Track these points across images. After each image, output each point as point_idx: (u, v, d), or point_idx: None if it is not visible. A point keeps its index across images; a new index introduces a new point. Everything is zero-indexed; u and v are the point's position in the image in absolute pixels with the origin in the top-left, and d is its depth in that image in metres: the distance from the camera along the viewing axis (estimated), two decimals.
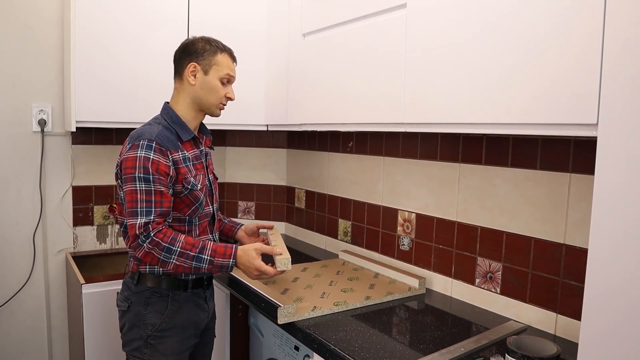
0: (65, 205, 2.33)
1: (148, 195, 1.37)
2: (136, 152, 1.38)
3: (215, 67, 1.51)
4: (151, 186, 1.37)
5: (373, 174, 2.06)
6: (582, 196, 1.33)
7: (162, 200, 1.38)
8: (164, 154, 1.40)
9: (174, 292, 1.48)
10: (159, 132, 1.43)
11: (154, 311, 1.47)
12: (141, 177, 1.37)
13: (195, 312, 1.53)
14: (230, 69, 1.53)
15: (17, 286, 2.25)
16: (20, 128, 2.21)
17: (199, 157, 1.55)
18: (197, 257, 1.38)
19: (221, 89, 1.52)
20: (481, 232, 1.60)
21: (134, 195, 1.37)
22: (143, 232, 1.35)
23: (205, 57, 1.51)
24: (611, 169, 0.78)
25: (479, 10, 1.18)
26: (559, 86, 1.02)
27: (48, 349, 2.36)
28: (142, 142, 1.39)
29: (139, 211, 1.36)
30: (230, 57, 1.55)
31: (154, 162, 1.38)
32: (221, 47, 1.53)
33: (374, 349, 1.27)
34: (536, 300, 1.44)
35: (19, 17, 2.17)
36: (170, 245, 1.36)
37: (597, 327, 0.81)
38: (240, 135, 2.66)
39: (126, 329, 1.50)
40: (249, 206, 2.68)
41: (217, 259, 1.39)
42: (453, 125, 1.29)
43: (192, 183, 1.46)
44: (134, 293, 1.48)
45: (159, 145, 1.40)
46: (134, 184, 1.37)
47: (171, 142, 1.44)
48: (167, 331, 1.47)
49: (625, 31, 0.77)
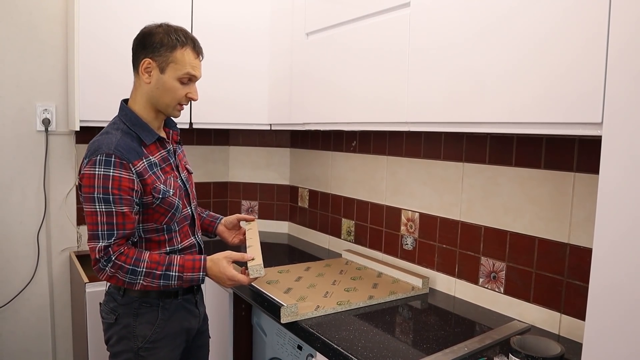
0: (69, 204, 2.34)
1: (109, 217, 1.26)
2: (94, 169, 1.26)
3: (173, 65, 1.33)
4: (112, 207, 1.26)
5: (376, 174, 2.05)
6: (587, 195, 1.32)
7: (125, 222, 1.28)
8: (126, 168, 1.27)
9: (164, 301, 1.40)
10: (118, 141, 1.29)
11: (144, 322, 1.38)
12: (100, 197, 1.25)
13: (186, 318, 1.46)
14: (191, 67, 1.35)
15: (21, 285, 2.26)
16: (24, 127, 2.22)
17: (167, 159, 1.42)
18: (165, 274, 1.30)
19: (179, 89, 1.36)
20: (485, 232, 1.60)
21: (94, 217, 1.26)
22: (104, 255, 1.27)
23: (161, 52, 1.32)
24: (616, 168, 0.78)
25: (482, 9, 1.18)
26: (563, 84, 1.01)
27: (52, 347, 2.36)
28: (100, 157, 1.26)
29: (100, 234, 1.26)
30: (193, 52, 1.36)
31: (115, 179, 1.26)
32: (182, 40, 1.34)
33: (377, 348, 1.26)
34: (540, 300, 1.44)
35: (23, 17, 2.17)
36: (134, 267, 1.28)
37: (602, 327, 0.81)
38: (243, 135, 2.67)
39: (114, 341, 1.40)
40: (252, 205, 2.68)
41: (186, 274, 1.33)
42: (456, 124, 1.28)
43: (163, 190, 1.35)
44: (121, 305, 1.38)
45: (118, 158, 1.27)
46: (93, 205, 1.26)
47: (132, 151, 1.31)
48: (158, 342, 1.39)
49: (631, 27, 0.76)
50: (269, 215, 2.67)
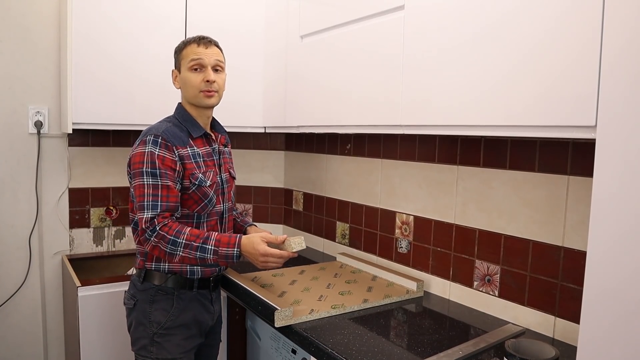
0: (62, 207, 2.32)
1: (155, 190, 1.40)
2: (144, 147, 1.42)
3: (183, 61, 1.52)
4: (158, 180, 1.40)
5: (371, 176, 2.05)
6: (581, 198, 1.32)
7: (169, 194, 1.41)
8: (170, 149, 1.43)
9: (179, 291, 1.50)
10: (166, 128, 1.47)
11: (159, 309, 1.48)
12: (148, 171, 1.40)
13: (200, 312, 1.55)
14: (194, 53, 1.50)
15: (12, 289, 2.23)
16: (16, 130, 2.20)
17: (211, 155, 1.56)
18: (201, 247, 1.39)
19: (193, 77, 1.51)
20: (479, 235, 1.60)
21: (142, 190, 1.40)
22: (149, 226, 1.38)
23: (176, 58, 1.56)
24: (610, 171, 0.78)
25: (477, 13, 1.18)
26: (557, 88, 1.01)
27: (44, 352, 2.34)
28: (149, 137, 1.43)
29: (145, 205, 1.39)
30: (196, 43, 1.52)
31: (159, 157, 1.41)
32: (187, 40, 1.54)
33: (372, 352, 1.26)
34: (535, 303, 1.44)
35: (15, 19, 2.16)
36: (176, 237, 1.38)
37: (596, 330, 0.81)
38: (237, 137, 2.66)
39: (133, 327, 1.52)
40: (247, 208, 2.67)
41: (222, 249, 1.40)
42: (451, 127, 1.28)
43: (200, 179, 1.48)
44: (139, 291, 1.50)
45: (164, 140, 1.43)
46: (141, 178, 1.40)
47: (178, 138, 1.47)
48: (172, 329, 1.49)
49: (624, 33, 0.76)
50: (263, 218, 2.67)
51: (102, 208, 2.41)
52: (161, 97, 2.09)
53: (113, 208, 2.42)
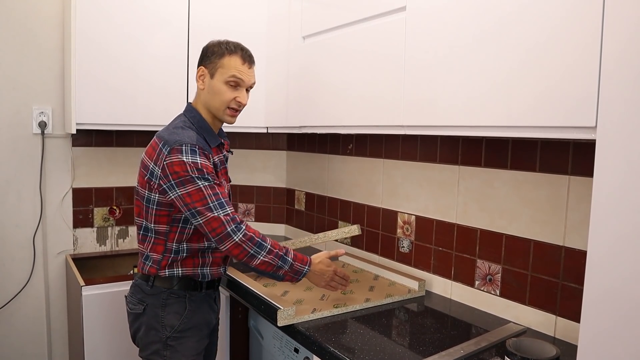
0: (65, 207, 2.33)
1: (213, 189, 1.36)
2: (181, 156, 1.35)
3: (221, 69, 1.45)
4: (211, 181, 1.37)
5: (373, 176, 2.06)
6: (581, 198, 1.33)
7: (223, 194, 1.39)
8: (207, 157, 1.41)
9: (190, 293, 1.48)
10: (197, 137, 1.42)
11: (172, 312, 1.46)
12: (199, 177, 1.36)
13: (208, 312, 1.55)
14: (237, 71, 1.46)
15: (17, 288, 2.25)
16: (20, 130, 2.22)
17: (224, 163, 1.55)
18: (283, 257, 1.42)
19: (227, 92, 1.46)
20: (481, 235, 1.60)
21: (201, 193, 1.35)
22: (235, 225, 1.35)
23: (212, 60, 1.47)
24: (610, 171, 0.78)
25: (479, 14, 1.19)
26: (558, 89, 1.02)
27: (48, 351, 2.35)
28: (185, 147, 1.36)
29: (212, 206, 1.35)
30: (241, 59, 1.47)
31: (203, 164, 1.37)
32: (231, 48, 1.47)
33: (374, 351, 1.27)
34: (536, 302, 1.44)
35: (19, 19, 2.17)
36: (262, 241, 1.39)
37: (597, 329, 0.81)
38: (240, 138, 2.66)
39: (142, 332, 1.47)
40: (249, 208, 2.68)
41: (297, 264, 1.45)
42: (453, 127, 1.29)
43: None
44: (149, 295, 1.46)
45: (201, 149, 1.39)
46: (194, 184, 1.35)
47: (208, 148, 1.45)
48: (186, 332, 1.47)
49: (624, 34, 0.77)
50: (265, 218, 2.68)
51: (106, 208, 2.42)
52: (164, 97, 2.10)
53: (116, 208, 2.43)
